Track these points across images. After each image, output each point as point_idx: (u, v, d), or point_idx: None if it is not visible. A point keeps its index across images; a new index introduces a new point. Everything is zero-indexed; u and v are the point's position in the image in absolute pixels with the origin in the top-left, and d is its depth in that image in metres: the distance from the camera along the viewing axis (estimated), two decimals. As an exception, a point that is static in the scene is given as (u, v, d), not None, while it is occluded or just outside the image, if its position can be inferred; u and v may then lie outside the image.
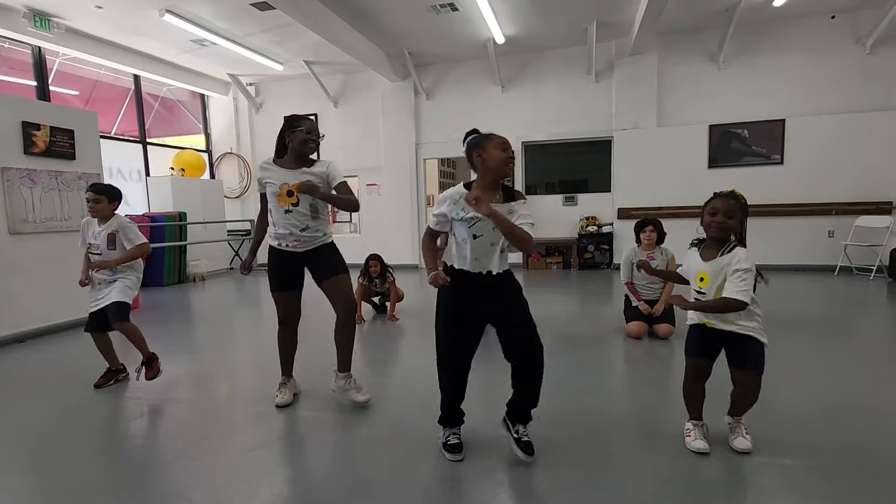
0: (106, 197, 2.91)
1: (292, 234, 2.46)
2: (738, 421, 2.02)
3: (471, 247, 1.89)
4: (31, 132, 4.26)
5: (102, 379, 3.00)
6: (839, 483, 1.75)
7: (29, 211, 4.26)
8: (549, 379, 2.04)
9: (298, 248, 2.49)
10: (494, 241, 1.89)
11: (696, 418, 2.05)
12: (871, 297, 5.06)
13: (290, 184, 2.40)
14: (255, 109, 9.03)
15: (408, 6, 5.83)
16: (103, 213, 2.90)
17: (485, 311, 1.94)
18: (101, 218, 2.91)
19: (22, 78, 6.23)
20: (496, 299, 1.94)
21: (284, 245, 2.50)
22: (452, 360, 2.01)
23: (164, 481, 1.92)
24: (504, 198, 1.91)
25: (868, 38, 6.27)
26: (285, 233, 2.46)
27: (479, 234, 1.87)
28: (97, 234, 2.90)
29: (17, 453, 2.22)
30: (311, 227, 2.48)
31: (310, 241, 2.49)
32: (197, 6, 5.65)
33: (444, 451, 2.03)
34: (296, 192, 2.39)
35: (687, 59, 7.03)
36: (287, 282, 2.59)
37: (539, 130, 7.76)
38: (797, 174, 6.71)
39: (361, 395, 2.55)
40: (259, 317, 5.16)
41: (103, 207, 2.89)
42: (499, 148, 1.87)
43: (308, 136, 2.47)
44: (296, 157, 2.50)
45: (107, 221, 2.91)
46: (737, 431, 2.00)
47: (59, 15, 5.80)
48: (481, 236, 1.87)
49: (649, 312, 3.66)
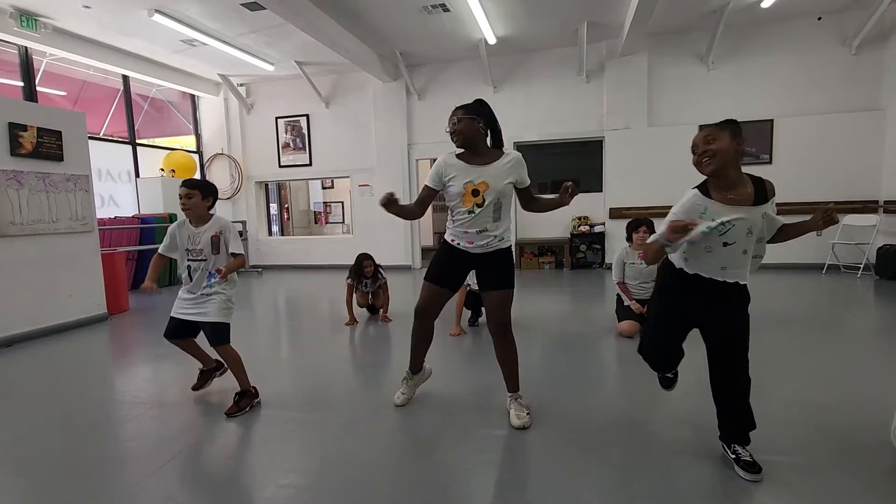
0: (199, 192, 2.52)
1: (467, 234, 2.30)
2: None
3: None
4: (17, 133, 4.21)
5: (199, 382, 2.82)
6: (826, 480, 1.77)
7: (16, 213, 4.21)
8: (541, 378, 2.05)
9: (471, 249, 2.32)
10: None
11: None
12: (858, 295, 5.13)
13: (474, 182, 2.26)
14: (246, 110, 8.98)
15: (399, 7, 5.83)
16: (198, 211, 2.53)
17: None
18: (197, 218, 2.55)
19: (8, 78, 6.15)
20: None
21: (457, 243, 2.34)
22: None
23: (156, 484, 1.90)
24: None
25: (854, 39, 6.36)
26: (461, 231, 2.31)
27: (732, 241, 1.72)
28: (196, 238, 2.54)
29: (5, 458, 2.19)
30: (490, 229, 2.29)
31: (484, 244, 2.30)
32: (186, 6, 5.60)
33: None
34: (481, 192, 2.25)
35: (677, 60, 7.09)
36: (444, 279, 2.42)
37: (530, 131, 7.78)
38: (785, 174, 6.76)
39: (520, 419, 2.26)
40: (251, 318, 5.13)
41: (196, 203, 2.51)
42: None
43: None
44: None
45: (205, 223, 2.56)
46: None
47: (46, 15, 5.73)
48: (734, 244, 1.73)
49: (641, 311, 3.68)
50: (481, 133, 2.35)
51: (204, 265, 2.55)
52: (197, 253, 2.54)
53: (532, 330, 3.97)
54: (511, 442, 2.15)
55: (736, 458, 1.83)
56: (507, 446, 2.11)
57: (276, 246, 9.27)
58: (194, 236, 2.55)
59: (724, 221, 1.63)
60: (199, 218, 2.56)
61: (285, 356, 3.84)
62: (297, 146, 8.82)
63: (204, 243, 2.53)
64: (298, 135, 8.80)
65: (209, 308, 2.55)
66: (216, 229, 2.55)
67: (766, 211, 1.73)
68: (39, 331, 4.33)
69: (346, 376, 3.21)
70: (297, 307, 5.80)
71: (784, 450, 1.97)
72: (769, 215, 1.76)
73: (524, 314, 4.45)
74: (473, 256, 2.34)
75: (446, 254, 2.41)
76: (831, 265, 6.44)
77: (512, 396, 2.36)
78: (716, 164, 1.70)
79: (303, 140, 8.76)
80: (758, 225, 1.73)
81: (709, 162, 1.71)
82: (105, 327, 4.72)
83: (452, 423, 2.31)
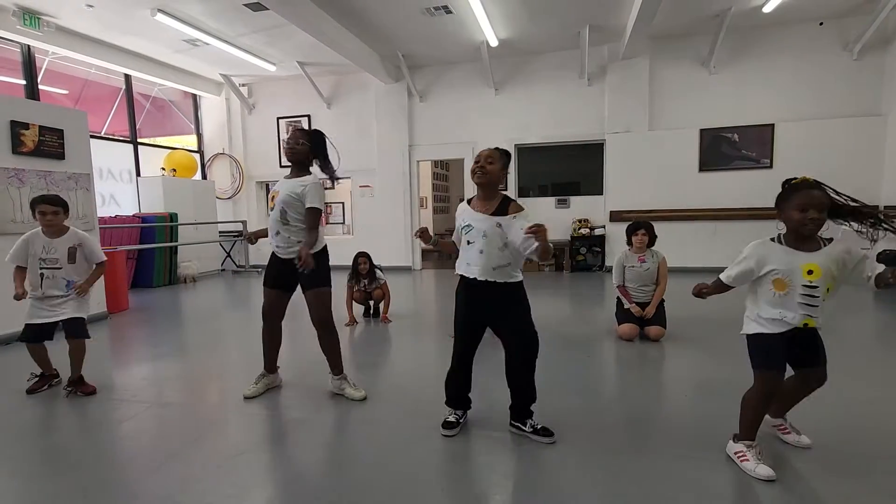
0: (62, 209, 2.78)
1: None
2: (785, 421, 2.06)
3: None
4: (19, 131, 4.21)
5: (37, 384, 2.94)
6: (823, 483, 1.77)
7: (17, 211, 4.21)
8: (540, 381, 2.05)
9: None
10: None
11: (751, 438, 1.89)
12: (858, 300, 5.12)
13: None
14: (247, 110, 8.98)
15: (401, 8, 5.83)
16: (59, 226, 2.79)
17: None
18: (56, 231, 2.79)
19: (10, 77, 6.16)
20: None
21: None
22: None
23: (153, 484, 1.90)
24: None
25: (855, 44, 6.37)
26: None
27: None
28: (51, 248, 2.77)
29: (4, 456, 2.19)
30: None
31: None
32: (189, 6, 5.61)
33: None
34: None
35: (678, 64, 7.10)
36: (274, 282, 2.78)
37: (532, 133, 7.79)
38: (786, 178, 6.78)
39: (357, 392, 2.66)
40: (249, 318, 5.13)
41: (60, 219, 2.78)
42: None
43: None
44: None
45: (61, 234, 2.81)
46: (793, 429, 2.04)
47: (48, 13, 5.74)
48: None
49: (641, 315, 3.68)
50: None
51: (57, 273, 2.77)
52: (52, 262, 2.76)
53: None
54: (510, 444, 2.14)
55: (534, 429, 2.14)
56: (505, 448, 2.11)
57: (277, 246, 9.25)
58: (49, 246, 2.76)
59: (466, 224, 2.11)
60: (58, 231, 2.80)
61: (285, 356, 3.83)
62: (298, 146, 8.80)
63: (61, 253, 2.76)
64: (300, 135, 8.79)
65: (67, 307, 2.82)
66: (74, 241, 2.80)
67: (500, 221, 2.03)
68: (39, 329, 4.31)
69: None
70: (296, 308, 5.78)
71: (784, 455, 1.97)
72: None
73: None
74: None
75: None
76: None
77: (339, 377, 2.72)
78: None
79: (304, 140, 8.75)
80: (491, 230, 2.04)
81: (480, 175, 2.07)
82: (105, 326, 4.71)
83: (451, 425, 2.30)
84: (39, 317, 2.82)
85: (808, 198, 1.76)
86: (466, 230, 2.10)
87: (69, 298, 2.83)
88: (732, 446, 1.93)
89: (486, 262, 2.05)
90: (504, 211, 2.05)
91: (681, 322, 3.98)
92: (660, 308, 3.72)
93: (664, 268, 3.77)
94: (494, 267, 2.05)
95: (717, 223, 7.11)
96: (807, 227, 1.76)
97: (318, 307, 2.65)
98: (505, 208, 2.05)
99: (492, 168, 2.06)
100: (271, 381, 2.83)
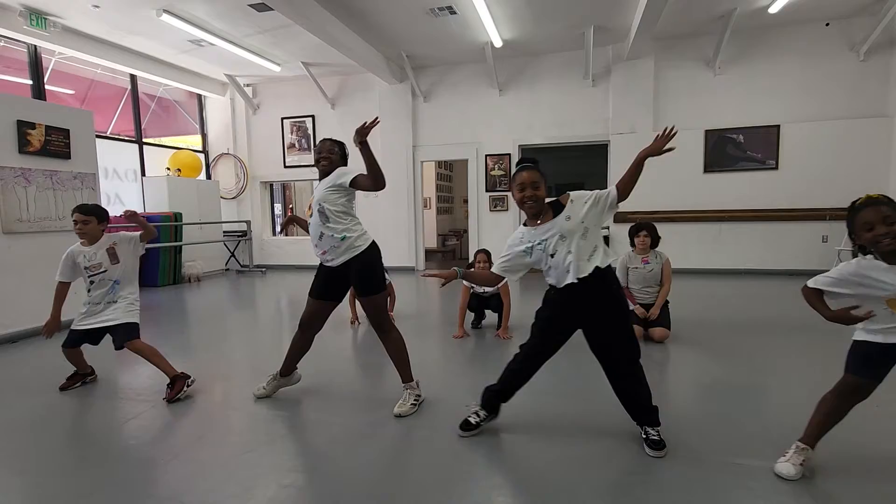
0: (95, 217, 2.81)
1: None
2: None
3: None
4: (26, 131, 4.24)
5: (70, 381, 2.95)
6: (834, 487, 1.76)
7: (23, 210, 4.24)
8: (541, 381, 2.04)
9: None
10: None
11: (808, 443, 1.84)
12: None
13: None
14: (252, 110, 9.01)
15: (406, 9, 5.84)
16: (93, 234, 2.80)
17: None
18: (91, 239, 2.81)
19: (17, 76, 6.20)
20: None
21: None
22: None
23: (158, 483, 1.90)
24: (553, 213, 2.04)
25: (862, 45, 6.33)
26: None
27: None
28: (92, 256, 2.78)
29: (9, 454, 2.20)
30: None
31: None
32: (194, 6, 5.64)
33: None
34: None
35: (683, 65, 7.08)
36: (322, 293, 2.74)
37: (536, 134, 7.78)
38: (792, 179, 6.76)
39: (401, 406, 2.49)
40: (254, 318, 5.15)
41: (92, 228, 2.79)
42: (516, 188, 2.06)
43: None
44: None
45: (97, 241, 2.82)
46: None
47: (55, 14, 5.78)
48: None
49: (645, 316, 3.67)
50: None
51: (104, 275, 2.78)
52: (96, 267, 2.78)
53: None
54: (512, 444, 2.14)
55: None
56: (508, 448, 2.11)
57: (280, 246, 9.29)
58: (89, 254, 2.79)
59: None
60: (93, 239, 2.81)
61: (288, 356, 3.85)
62: (302, 147, 8.85)
63: (101, 258, 2.79)
64: (304, 135, 8.83)
65: (116, 314, 2.79)
66: (109, 243, 2.82)
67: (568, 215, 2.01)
68: (44, 328, 4.34)
69: (349, 376, 3.21)
70: (299, 307, 5.79)
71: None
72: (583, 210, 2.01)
73: (526, 317, 4.41)
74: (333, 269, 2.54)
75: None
76: (837, 272, 6.39)
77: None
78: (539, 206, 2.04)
79: (308, 141, 8.79)
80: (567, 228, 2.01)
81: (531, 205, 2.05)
82: (109, 325, 4.73)
83: (454, 425, 2.30)
84: (87, 322, 2.80)
85: (869, 215, 1.70)
86: (541, 246, 2.04)
87: (117, 303, 2.81)
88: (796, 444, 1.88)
89: (576, 258, 1.98)
90: (561, 209, 2.03)
91: (685, 324, 3.97)
92: (664, 310, 3.71)
93: (668, 269, 3.76)
94: (588, 257, 2.00)
95: (721, 224, 7.08)
96: (881, 243, 1.66)
97: (373, 314, 2.56)
98: (559, 207, 2.04)
99: (540, 193, 2.03)
100: (283, 383, 2.79)
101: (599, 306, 2.04)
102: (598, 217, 2.02)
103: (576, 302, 2.04)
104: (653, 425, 2.06)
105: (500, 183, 8.01)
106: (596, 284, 2.00)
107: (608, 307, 2.05)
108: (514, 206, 7.93)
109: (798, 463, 1.81)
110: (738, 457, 1.98)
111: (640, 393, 2.08)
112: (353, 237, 2.50)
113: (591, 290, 2.00)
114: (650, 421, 2.07)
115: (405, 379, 2.59)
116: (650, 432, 2.04)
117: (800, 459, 1.82)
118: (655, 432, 2.04)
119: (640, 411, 2.08)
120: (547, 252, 2.03)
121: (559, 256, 2.01)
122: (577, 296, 2.01)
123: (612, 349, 2.06)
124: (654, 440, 2.02)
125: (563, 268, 2.01)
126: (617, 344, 2.05)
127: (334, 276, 2.55)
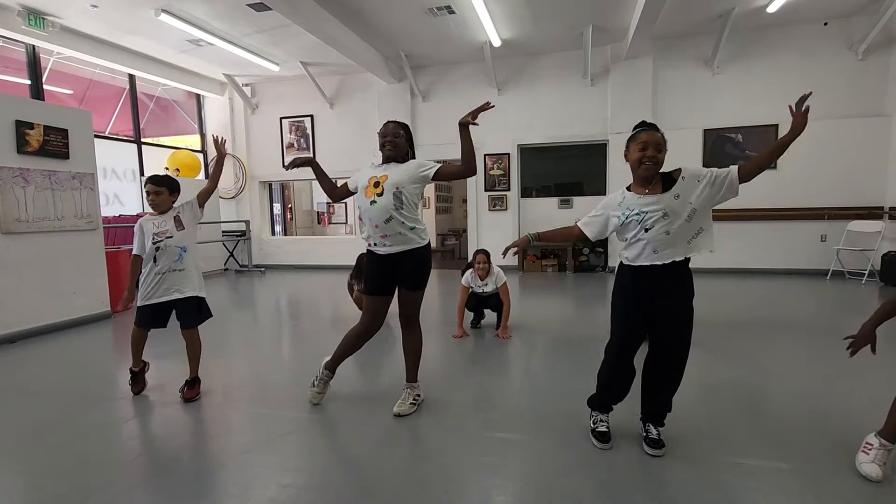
0: (167, 188, 2.82)
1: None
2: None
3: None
4: (24, 131, 4.23)
5: (138, 387, 2.86)
6: (829, 486, 1.76)
7: (22, 210, 4.23)
8: (543, 381, 2.04)
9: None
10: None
11: (889, 439, 1.80)
12: (862, 302, 5.10)
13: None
14: (250, 110, 9.00)
15: (405, 8, 5.84)
16: (164, 205, 2.82)
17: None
18: (162, 210, 2.83)
19: (16, 76, 6.19)
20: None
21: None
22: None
23: (158, 483, 1.90)
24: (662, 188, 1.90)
25: (860, 44, 6.34)
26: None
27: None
28: (160, 223, 2.77)
29: (9, 455, 2.20)
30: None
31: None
32: (193, 6, 5.63)
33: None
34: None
35: (682, 64, 7.08)
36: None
37: (535, 133, 7.78)
38: (790, 179, 6.76)
39: (400, 406, 2.50)
40: (254, 318, 5.14)
41: (164, 199, 2.80)
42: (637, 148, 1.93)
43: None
44: None
45: (167, 212, 2.84)
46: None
47: (53, 13, 5.77)
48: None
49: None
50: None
51: (170, 241, 2.74)
52: (162, 234, 2.75)
53: (534, 333, 3.96)
54: (512, 445, 2.14)
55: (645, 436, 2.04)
56: (508, 449, 2.11)
57: (280, 246, 9.28)
58: (158, 221, 2.79)
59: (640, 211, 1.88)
60: (164, 209, 2.83)
61: (287, 356, 3.85)
62: (301, 146, 8.84)
63: (169, 225, 2.78)
64: (303, 135, 8.82)
65: (186, 284, 2.75)
66: (176, 212, 2.84)
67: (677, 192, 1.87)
68: (44, 328, 4.34)
69: (349, 376, 3.21)
70: (299, 307, 5.80)
71: (788, 457, 1.96)
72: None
73: (527, 317, 4.45)
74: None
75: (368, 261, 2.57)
76: (836, 271, 6.41)
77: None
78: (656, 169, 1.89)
79: (307, 140, 8.78)
80: (672, 207, 1.86)
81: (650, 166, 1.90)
82: (109, 325, 4.73)
83: (453, 425, 2.30)
84: (154, 296, 2.72)
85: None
86: (638, 217, 1.88)
87: (185, 270, 2.77)
88: (869, 436, 1.85)
89: (672, 241, 1.85)
90: (671, 183, 1.89)
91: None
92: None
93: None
94: (689, 241, 1.88)
95: (720, 224, 7.07)
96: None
97: (412, 308, 2.56)
98: (670, 182, 1.89)
99: (661, 157, 1.89)
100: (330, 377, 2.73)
101: (672, 299, 1.91)
102: (710, 200, 1.89)
103: (650, 287, 1.90)
104: (657, 425, 2.07)
105: (498, 182, 8.01)
106: (675, 276, 1.89)
107: (680, 304, 1.93)
108: (514, 205, 7.95)
109: (882, 463, 1.76)
110: (738, 456, 1.98)
111: (668, 395, 2.04)
112: (421, 229, 2.50)
113: (669, 280, 1.89)
114: (656, 420, 2.07)
115: (410, 378, 2.58)
116: (651, 431, 2.05)
117: (884, 459, 1.77)
118: (656, 431, 2.05)
119: (654, 409, 2.07)
120: (643, 225, 1.87)
121: (653, 233, 1.86)
122: (654, 281, 1.89)
123: (671, 348, 1.96)
124: (653, 439, 2.02)
125: (652, 247, 1.87)
126: (677, 345, 1.95)
127: (386, 267, 2.48)
